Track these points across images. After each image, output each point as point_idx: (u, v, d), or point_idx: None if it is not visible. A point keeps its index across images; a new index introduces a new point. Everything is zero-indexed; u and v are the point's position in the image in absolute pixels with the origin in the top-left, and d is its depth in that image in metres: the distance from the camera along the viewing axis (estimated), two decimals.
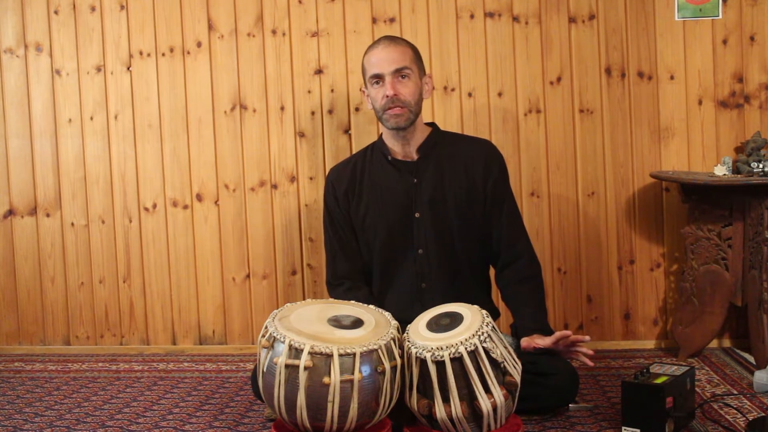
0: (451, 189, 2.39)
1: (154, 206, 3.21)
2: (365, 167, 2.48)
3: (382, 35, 3.01)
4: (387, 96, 2.31)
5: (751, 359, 2.67)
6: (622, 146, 2.98)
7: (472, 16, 3.02)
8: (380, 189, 2.44)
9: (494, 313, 2.40)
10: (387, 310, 2.18)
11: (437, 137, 2.46)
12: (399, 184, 2.41)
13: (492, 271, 2.54)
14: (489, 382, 1.91)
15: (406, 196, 2.41)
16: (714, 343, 2.92)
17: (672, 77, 2.95)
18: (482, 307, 2.10)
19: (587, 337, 2.18)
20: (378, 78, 2.34)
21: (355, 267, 2.48)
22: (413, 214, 2.40)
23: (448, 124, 3.00)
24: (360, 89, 2.51)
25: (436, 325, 2.01)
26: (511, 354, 2.00)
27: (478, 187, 2.40)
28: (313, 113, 3.11)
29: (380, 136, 2.49)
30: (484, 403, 1.90)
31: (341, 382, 1.87)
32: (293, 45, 3.11)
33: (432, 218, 2.39)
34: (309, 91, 3.11)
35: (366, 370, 1.90)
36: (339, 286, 2.47)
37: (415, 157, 2.42)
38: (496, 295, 2.56)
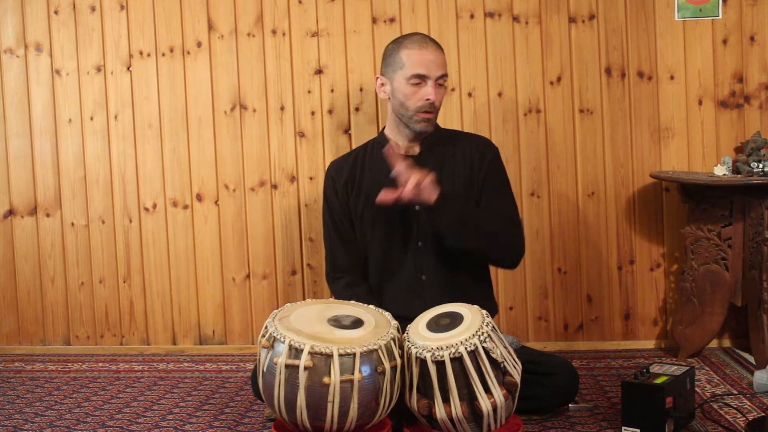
0: (451, 182, 2.40)
1: (154, 206, 3.21)
2: (365, 161, 2.49)
3: (382, 35, 3.03)
4: (428, 100, 2.32)
5: (751, 359, 2.67)
6: (622, 146, 2.98)
7: (472, 16, 3.02)
8: (380, 182, 2.44)
9: (493, 309, 2.40)
10: (386, 303, 2.18)
11: (438, 133, 2.47)
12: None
13: (494, 269, 2.54)
14: (489, 382, 1.91)
15: None
16: (714, 343, 2.92)
17: (672, 77, 2.95)
18: (481, 300, 2.10)
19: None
20: (421, 78, 2.33)
21: (353, 260, 2.48)
22: (413, 207, 2.40)
23: (449, 123, 3.00)
24: (375, 77, 2.47)
25: (436, 325, 2.01)
26: (511, 354, 2.00)
27: (476, 180, 2.41)
28: (313, 113, 3.11)
29: (382, 131, 2.49)
30: (484, 403, 1.90)
31: (341, 382, 1.87)
32: (293, 45, 3.11)
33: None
34: (309, 91, 3.11)
35: (366, 370, 1.90)
36: (338, 280, 2.47)
37: (416, 151, 2.43)
38: (495, 289, 2.56)
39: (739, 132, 2.93)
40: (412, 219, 2.40)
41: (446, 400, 1.92)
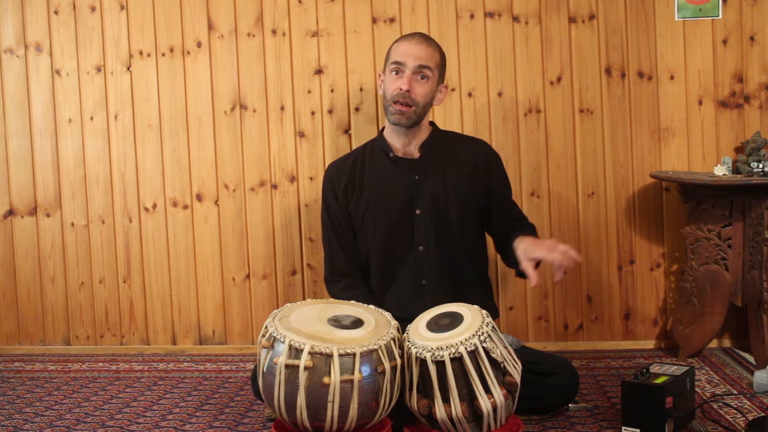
0: (453, 186, 2.40)
1: (154, 206, 3.21)
2: (365, 163, 2.48)
3: (382, 35, 3.03)
4: (400, 89, 2.31)
5: (751, 359, 2.67)
6: (622, 146, 2.98)
7: (472, 16, 3.02)
8: (381, 185, 2.44)
9: (494, 312, 2.40)
10: (387, 307, 2.18)
11: (438, 136, 2.47)
12: (400, 181, 2.42)
13: (492, 267, 2.54)
14: (489, 382, 1.91)
15: (407, 192, 2.41)
16: (714, 343, 2.92)
17: (672, 77, 2.95)
18: (482, 304, 2.10)
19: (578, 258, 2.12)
20: (398, 67, 2.33)
21: (352, 263, 2.48)
22: (414, 211, 2.40)
23: (448, 124, 3.00)
24: (378, 74, 2.51)
25: (436, 325, 2.01)
26: (511, 354, 2.00)
27: (480, 185, 2.41)
28: (313, 113, 3.11)
29: (380, 132, 2.50)
30: (484, 403, 1.90)
31: (341, 382, 1.87)
32: (293, 45, 3.11)
33: (433, 215, 2.39)
34: (309, 91, 3.11)
35: (366, 370, 1.90)
36: (337, 283, 2.47)
37: (416, 154, 2.43)
38: (496, 293, 2.56)
39: (739, 132, 2.93)
40: (413, 223, 2.40)
41: (446, 400, 1.92)
